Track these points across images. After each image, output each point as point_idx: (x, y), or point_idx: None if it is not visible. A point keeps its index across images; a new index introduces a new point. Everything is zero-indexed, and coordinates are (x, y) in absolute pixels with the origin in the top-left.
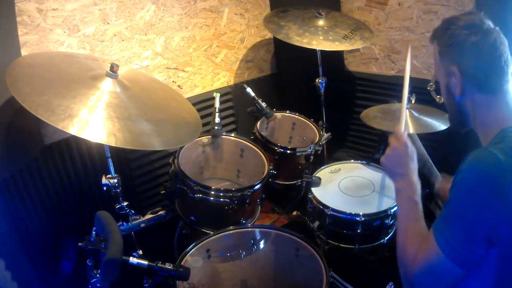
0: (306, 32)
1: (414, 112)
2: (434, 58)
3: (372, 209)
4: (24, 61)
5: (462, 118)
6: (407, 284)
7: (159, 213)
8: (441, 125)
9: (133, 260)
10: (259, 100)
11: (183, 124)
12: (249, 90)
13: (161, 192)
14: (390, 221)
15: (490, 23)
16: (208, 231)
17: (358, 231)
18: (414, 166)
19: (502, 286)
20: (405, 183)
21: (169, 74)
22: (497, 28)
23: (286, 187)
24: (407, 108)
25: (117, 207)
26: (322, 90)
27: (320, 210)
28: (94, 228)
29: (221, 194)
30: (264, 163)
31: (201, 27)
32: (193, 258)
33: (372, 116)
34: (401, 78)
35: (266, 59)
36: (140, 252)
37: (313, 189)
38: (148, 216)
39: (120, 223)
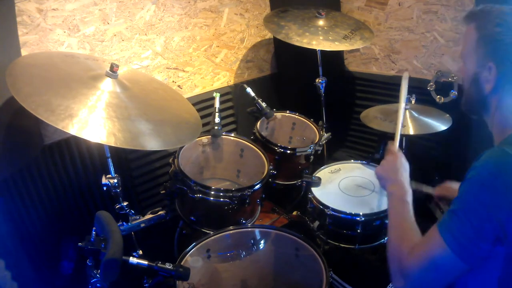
0: (306, 32)
1: (414, 113)
2: (465, 39)
3: (372, 209)
4: (24, 61)
5: (480, 110)
6: (401, 279)
7: (159, 213)
8: (441, 126)
9: (133, 260)
10: (259, 100)
11: (183, 124)
12: (249, 90)
13: (161, 192)
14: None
15: None
16: (208, 231)
17: (358, 231)
18: (406, 174)
19: (507, 285)
20: (396, 187)
21: (169, 74)
22: None
23: (286, 187)
24: (406, 109)
25: (117, 207)
26: (322, 90)
27: (320, 210)
28: (94, 228)
29: (221, 194)
30: (264, 163)
31: (201, 27)
32: (193, 258)
33: (372, 117)
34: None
35: (266, 59)
36: (140, 252)
37: (313, 189)
38: (148, 216)
39: (120, 223)
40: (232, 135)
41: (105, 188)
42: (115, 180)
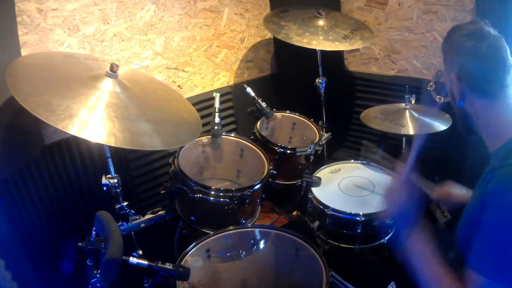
0: (306, 32)
1: (414, 113)
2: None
3: (372, 209)
4: (24, 61)
5: (467, 123)
6: None
7: (159, 213)
8: (441, 125)
9: (133, 260)
10: (259, 100)
11: (183, 124)
12: (249, 90)
13: (161, 192)
14: (390, 221)
15: (490, 30)
16: (208, 231)
17: (358, 231)
18: (412, 213)
19: None
20: (413, 241)
21: (169, 74)
22: (498, 34)
23: (286, 187)
24: (406, 109)
25: (117, 207)
26: (322, 90)
27: (320, 210)
28: (94, 228)
29: (221, 194)
30: (264, 163)
31: (201, 27)
32: (193, 258)
33: (372, 116)
34: (401, 78)
35: (266, 59)
36: (140, 252)
37: (313, 189)
38: (148, 216)
39: (120, 223)
40: (232, 135)
41: (105, 188)
42: (115, 180)
